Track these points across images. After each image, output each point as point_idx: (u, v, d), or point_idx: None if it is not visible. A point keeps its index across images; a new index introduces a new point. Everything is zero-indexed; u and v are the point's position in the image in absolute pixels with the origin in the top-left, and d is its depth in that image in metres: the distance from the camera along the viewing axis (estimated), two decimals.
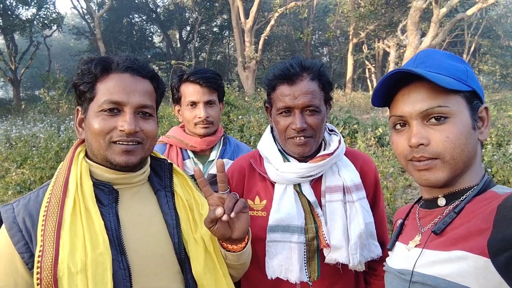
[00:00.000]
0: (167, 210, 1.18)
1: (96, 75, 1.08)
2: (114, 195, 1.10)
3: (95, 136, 1.07)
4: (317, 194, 1.41)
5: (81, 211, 1.01)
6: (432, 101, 0.88)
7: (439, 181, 0.89)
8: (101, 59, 1.10)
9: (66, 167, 1.09)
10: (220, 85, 2.00)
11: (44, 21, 22.06)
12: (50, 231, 0.97)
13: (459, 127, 0.87)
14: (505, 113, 12.24)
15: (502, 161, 6.21)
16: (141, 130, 1.10)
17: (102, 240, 0.99)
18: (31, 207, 1.03)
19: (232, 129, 9.01)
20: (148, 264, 1.08)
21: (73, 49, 34.43)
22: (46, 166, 6.62)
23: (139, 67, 1.12)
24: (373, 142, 8.46)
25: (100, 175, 1.11)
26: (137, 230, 1.10)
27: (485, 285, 0.76)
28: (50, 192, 1.04)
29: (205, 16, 26.72)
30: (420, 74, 0.86)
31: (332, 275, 1.39)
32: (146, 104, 1.11)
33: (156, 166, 1.27)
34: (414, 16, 13.54)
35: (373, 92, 0.99)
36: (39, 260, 0.94)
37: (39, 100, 19.34)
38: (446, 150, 0.87)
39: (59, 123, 11.95)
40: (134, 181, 1.16)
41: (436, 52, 0.98)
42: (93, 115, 1.07)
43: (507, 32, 27.72)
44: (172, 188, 1.23)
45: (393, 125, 0.98)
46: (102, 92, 1.08)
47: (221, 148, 2.03)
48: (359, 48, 26.87)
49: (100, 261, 0.96)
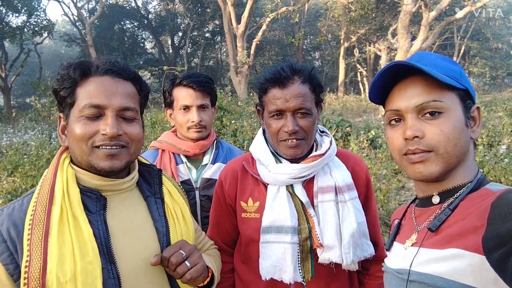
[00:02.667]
0: (157, 216, 1.16)
1: (75, 80, 1.05)
2: (102, 202, 1.06)
3: (77, 142, 1.03)
4: (310, 195, 1.42)
5: (68, 219, 0.98)
6: (427, 96, 0.90)
7: (432, 174, 0.90)
8: (79, 63, 1.07)
9: (51, 174, 1.05)
10: (213, 89, 2.00)
11: (35, 28, 21.94)
12: (37, 240, 0.93)
13: (452, 122, 0.89)
14: (495, 114, 12.42)
15: (494, 161, 6.29)
16: (125, 133, 1.06)
17: (91, 248, 0.96)
18: (15, 217, 0.99)
19: (226, 134, 9.00)
20: (137, 272, 1.06)
21: (64, 56, 34.24)
22: (37, 174, 6.54)
23: (119, 69, 1.09)
24: (366, 144, 8.51)
25: (87, 182, 1.07)
26: (126, 237, 1.08)
27: (481, 282, 0.76)
28: (35, 200, 1.00)
29: (197, 21, 26.76)
30: (417, 67, 0.88)
31: (326, 275, 1.40)
32: (128, 106, 1.08)
33: (144, 172, 1.24)
34: (404, 19, 13.69)
35: (371, 85, 1.00)
36: (26, 271, 0.91)
37: (30, 108, 19.18)
38: (440, 143, 0.88)
39: (50, 131, 11.84)
40: (123, 187, 1.13)
41: (430, 53, 1.00)
42: (74, 121, 1.04)
43: (496, 35, 28.11)
44: (162, 195, 1.21)
45: (388, 121, 0.99)
46: (82, 96, 1.04)
47: (214, 152, 2.03)
48: (351, 52, 27.07)
49: (89, 270, 0.94)
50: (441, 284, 0.82)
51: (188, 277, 1.09)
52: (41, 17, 22.62)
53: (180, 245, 1.13)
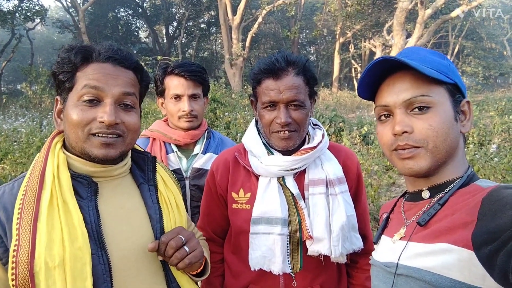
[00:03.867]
0: (150, 203, 1.14)
1: (76, 64, 1.03)
2: (94, 187, 1.05)
3: (73, 128, 1.02)
4: (301, 187, 1.42)
5: (58, 203, 0.96)
6: (415, 90, 0.90)
7: (422, 169, 0.91)
8: (81, 48, 1.05)
9: (42, 158, 1.04)
10: (205, 79, 1.98)
11: (27, 13, 21.49)
12: (26, 225, 0.92)
13: (441, 116, 0.89)
14: (487, 113, 12.54)
15: (484, 160, 6.37)
16: (122, 122, 1.05)
17: (80, 233, 0.95)
18: (5, 200, 0.98)
19: (219, 126, 8.99)
20: (129, 259, 1.05)
21: (56, 43, 33.70)
22: (27, 162, 6.48)
23: (122, 57, 1.07)
24: (358, 140, 8.57)
25: (78, 168, 1.05)
26: (118, 223, 1.06)
27: (469, 277, 0.77)
28: (25, 184, 0.99)
29: (192, 12, 26.56)
30: (404, 62, 0.88)
31: (315, 267, 1.41)
32: (128, 92, 1.07)
33: (138, 159, 1.22)
34: (400, 16, 13.71)
35: (359, 81, 1.00)
36: (14, 255, 0.89)
37: (21, 94, 18.93)
38: (429, 138, 0.88)
39: (41, 118, 11.73)
40: (115, 173, 1.12)
41: (420, 48, 1.00)
42: (72, 105, 1.02)
43: (490, 35, 28.30)
44: (156, 182, 1.20)
45: (378, 117, 1.00)
46: (81, 79, 1.03)
47: (205, 142, 2.02)
48: (346, 47, 27.09)
49: (78, 255, 0.93)
50: (428, 278, 0.82)
51: (187, 261, 1.07)
52: (34, 2, 22.16)
53: (178, 231, 1.12)
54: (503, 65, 28.16)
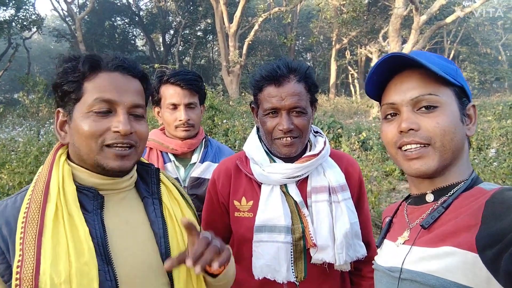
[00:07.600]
0: (154, 218, 1.10)
1: (83, 74, 1.00)
2: (99, 200, 1.01)
3: (85, 139, 0.98)
4: (303, 195, 1.41)
5: (63, 217, 0.92)
6: (423, 89, 0.90)
7: (429, 169, 0.90)
8: (88, 57, 1.02)
9: (46, 171, 1.00)
10: (201, 87, 1.96)
11: (23, 22, 21.60)
12: (30, 239, 0.88)
13: (448, 116, 0.89)
14: (484, 118, 12.59)
15: (483, 164, 6.39)
16: (135, 131, 1.03)
17: (87, 248, 0.91)
18: (8, 214, 0.94)
19: (217, 133, 8.98)
20: (135, 275, 1.01)
21: (53, 52, 33.77)
22: (25, 171, 6.43)
23: (130, 66, 1.06)
24: (357, 146, 8.58)
25: (84, 180, 1.01)
26: (123, 238, 1.02)
27: (473, 280, 0.76)
28: (29, 197, 0.95)
29: (189, 20, 26.67)
30: (414, 59, 0.88)
31: (318, 275, 1.40)
32: (138, 103, 1.05)
33: (142, 171, 1.18)
34: (395, 23, 13.83)
35: (367, 78, 1.00)
36: (18, 271, 0.85)
37: (18, 104, 18.91)
38: (437, 136, 0.88)
39: (38, 127, 11.68)
40: (121, 186, 1.08)
41: (426, 52, 1.01)
42: (81, 117, 0.98)
43: (485, 40, 28.59)
44: (160, 195, 1.16)
45: (384, 116, 0.99)
46: (91, 91, 0.99)
47: (202, 151, 1.99)
48: (342, 54, 27.26)
49: (85, 271, 0.88)
50: (433, 282, 0.81)
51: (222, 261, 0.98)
52: (30, 11, 22.28)
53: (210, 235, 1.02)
54: (498, 69, 28.44)
